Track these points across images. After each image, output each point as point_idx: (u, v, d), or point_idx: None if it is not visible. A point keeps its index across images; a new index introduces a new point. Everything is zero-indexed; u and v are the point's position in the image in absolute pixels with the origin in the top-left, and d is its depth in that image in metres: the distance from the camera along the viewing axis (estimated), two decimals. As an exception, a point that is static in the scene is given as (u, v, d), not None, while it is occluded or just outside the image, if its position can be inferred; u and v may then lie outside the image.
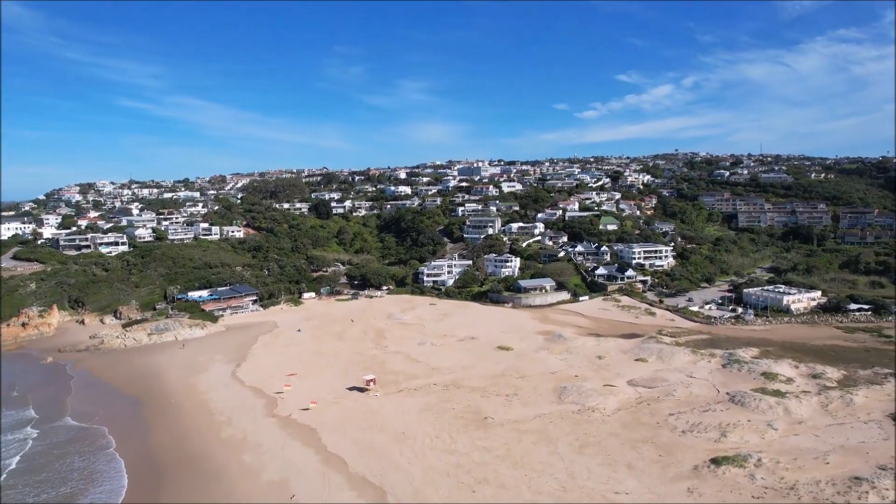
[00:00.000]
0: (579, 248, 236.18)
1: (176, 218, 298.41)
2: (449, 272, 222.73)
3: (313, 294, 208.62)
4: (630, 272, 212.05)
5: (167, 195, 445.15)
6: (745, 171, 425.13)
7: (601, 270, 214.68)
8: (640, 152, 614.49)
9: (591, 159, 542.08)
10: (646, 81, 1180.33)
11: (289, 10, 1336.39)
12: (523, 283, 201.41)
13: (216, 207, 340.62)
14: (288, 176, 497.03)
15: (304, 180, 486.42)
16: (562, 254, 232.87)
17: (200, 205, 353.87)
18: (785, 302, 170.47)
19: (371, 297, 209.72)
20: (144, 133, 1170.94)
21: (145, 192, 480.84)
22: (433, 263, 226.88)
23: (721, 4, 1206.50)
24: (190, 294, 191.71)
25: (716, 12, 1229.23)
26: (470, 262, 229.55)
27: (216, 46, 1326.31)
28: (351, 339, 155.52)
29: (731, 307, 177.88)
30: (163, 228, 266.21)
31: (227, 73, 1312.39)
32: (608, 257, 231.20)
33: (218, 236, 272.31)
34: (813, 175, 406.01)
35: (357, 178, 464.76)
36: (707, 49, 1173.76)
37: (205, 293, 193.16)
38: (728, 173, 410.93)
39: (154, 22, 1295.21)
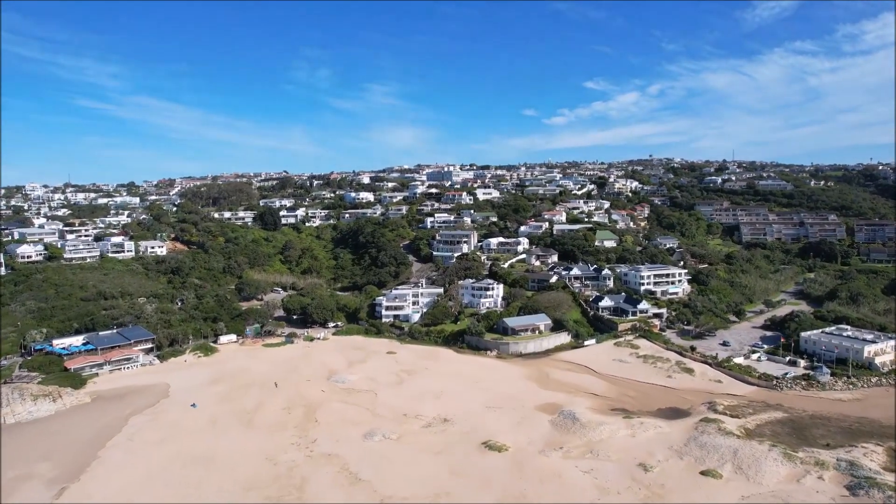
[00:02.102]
0: (575, 270, 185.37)
1: (85, 231, 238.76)
2: (414, 303, 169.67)
3: (234, 337, 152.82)
4: (643, 305, 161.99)
5: (102, 201, 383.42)
6: (733, 178, 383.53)
7: (606, 302, 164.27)
8: (608, 158, 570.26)
9: (566, 164, 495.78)
10: (612, 88, 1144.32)
11: (253, 10, 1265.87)
12: (511, 321, 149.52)
13: (143, 217, 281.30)
14: (239, 180, 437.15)
15: (258, 184, 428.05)
16: (554, 278, 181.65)
17: (126, 213, 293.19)
18: (867, 353, 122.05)
19: (312, 339, 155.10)
20: (104, 135, 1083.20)
21: (81, 196, 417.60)
22: (394, 292, 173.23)
23: (684, 11, 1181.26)
24: (56, 342, 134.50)
25: (680, 21, 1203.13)
26: (441, 289, 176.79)
27: (180, 47, 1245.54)
28: (265, 426, 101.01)
29: (787, 357, 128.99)
30: (59, 245, 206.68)
31: (192, 75, 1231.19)
32: (611, 282, 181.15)
33: (132, 254, 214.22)
34: (813, 182, 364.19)
35: (316, 182, 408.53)
36: (672, 57, 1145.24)
37: (79, 340, 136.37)
38: (720, 180, 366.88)
39: (113, 20, 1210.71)
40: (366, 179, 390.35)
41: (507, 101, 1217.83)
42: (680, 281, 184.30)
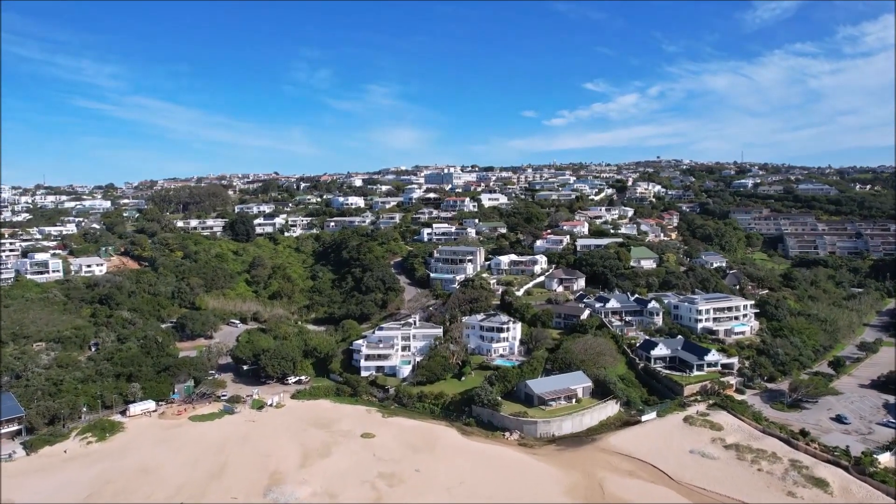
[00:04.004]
0: (613, 302, 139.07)
1: (11, 244, 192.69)
2: (405, 349, 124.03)
3: (152, 404, 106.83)
4: (712, 355, 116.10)
5: (70, 204, 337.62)
6: (759, 180, 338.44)
7: (660, 350, 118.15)
8: (609, 159, 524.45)
9: (574, 165, 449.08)
10: (612, 90, 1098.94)
11: (253, 10, 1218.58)
12: (536, 386, 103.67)
13: (94, 225, 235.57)
14: (221, 182, 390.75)
15: (242, 187, 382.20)
16: (586, 313, 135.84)
17: (74, 222, 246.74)
18: None
19: (261, 405, 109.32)
20: (102, 135, 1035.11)
21: (50, 199, 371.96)
22: (378, 334, 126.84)
23: (685, 12, 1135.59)
24: None
25: (680, 22, 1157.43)
26: (439, 329, 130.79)
27: (179, 47, 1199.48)
28: None
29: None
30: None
31: (192, 75, 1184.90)
32: (660, 319, 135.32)
33: (59, 274, 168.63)
34: (858, 187, 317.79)
35: (304, 185, 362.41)
36: (672, 59, 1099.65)
37: None
38: (750, 183, 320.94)
39: (113, 20, 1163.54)
40: (358, 182, 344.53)
41: (507, 102, 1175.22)
42: (746, 315, 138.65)
